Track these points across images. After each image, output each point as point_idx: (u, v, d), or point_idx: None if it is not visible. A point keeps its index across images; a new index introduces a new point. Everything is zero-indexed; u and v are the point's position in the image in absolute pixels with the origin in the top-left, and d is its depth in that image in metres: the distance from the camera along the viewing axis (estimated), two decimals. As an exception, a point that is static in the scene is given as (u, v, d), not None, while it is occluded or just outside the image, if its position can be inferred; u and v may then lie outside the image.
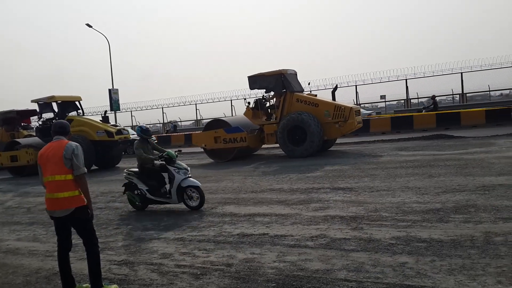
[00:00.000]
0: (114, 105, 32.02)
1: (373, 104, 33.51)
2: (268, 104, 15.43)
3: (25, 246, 6.31)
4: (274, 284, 3.97)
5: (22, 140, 18.19)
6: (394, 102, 32.87)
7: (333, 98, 14.78)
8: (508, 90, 28.91)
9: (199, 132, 17.24)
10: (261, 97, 15.49)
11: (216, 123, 15.78)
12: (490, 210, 5.60)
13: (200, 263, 4.77)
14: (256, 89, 15.51)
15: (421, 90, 29.00)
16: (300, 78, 15.83)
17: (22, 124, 21.89)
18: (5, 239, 6.85)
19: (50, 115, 17.05)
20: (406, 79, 28.24)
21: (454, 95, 29.40)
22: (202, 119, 35.83)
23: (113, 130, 16.22)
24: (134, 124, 36.51)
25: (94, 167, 16.64)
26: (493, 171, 8.17)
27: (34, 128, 19.14)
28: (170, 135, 28.32)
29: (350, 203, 6.79)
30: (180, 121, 39.36)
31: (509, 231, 4.69)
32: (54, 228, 7.20)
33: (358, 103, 29.53)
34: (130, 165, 17.14)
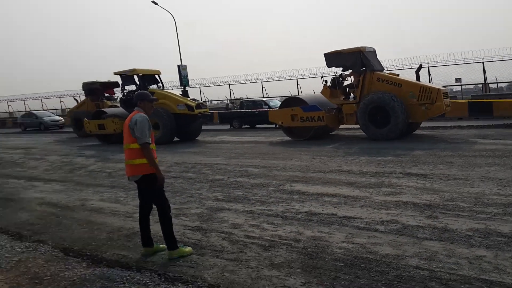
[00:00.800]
0: (184, 80, 32.88)
1: (447, 87, 31.38)
2: (345, 83, 14.81)
3: (107, 206, 6.84)
4: (342, 264, 3.98)
5: (108, 110, 19.26)
6: (471, 86, 30.58)
7: (417, 78, 13.88)
8: None
9: (276, 109, 17.04)
10: (338, 75, 14.79)
11: (293, 101, 15.44)
12: None
13: (268, 236, 4.90)
14: (333, 67, 14.91)
15: (500, 74, 26.65)
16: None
17: (106, 95, 23.32)
18: (89, 199, 7.47)
19: (132, 87, 17.80)
20: (483, 62, 26.00)
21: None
22: (268, 97, 35.89)
23: (193, 104, 16.53)
24: (203, 99, 37.43)
25: (176, 138, 17.19)
26: None
27: (118, 99, 20.16)
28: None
29: (424, 190, 6.54)
30: (247, 99, 39.68)
31: None
32: (133, 192, 7.75)
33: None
34: (215, 138, 17.80)
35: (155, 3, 33.40)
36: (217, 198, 6.90)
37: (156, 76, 17.96)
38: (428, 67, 27.88)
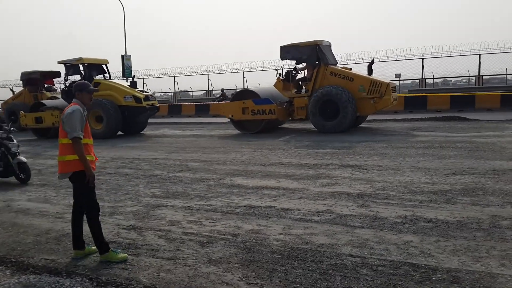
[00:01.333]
0: (127, 71, 31.85)
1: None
2: (298, 76, 14.92)
3: (35, 207, 6.44)
4: (279, 256, 4.03)
5: (47, 102, 17.85)
6: (409, 81, 32.35)
7: (369, 72, 14.24)
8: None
9: (227, 102, 16.69)
10: (292, 69, 14.91)
11: (245, 94, 15.23)
12: (498, 194, 5.58)
13: (206, 231, 4.85)
14: (287, 60, 14.90)
15: (436, 70, 28.48)
16: None
17: (45, 85, 21.69)
18: (16, 199, 7.00)
19: (77, 77, 16.71)
20: (422, 58, 27.62)
21: (470, 77, 28.81)
22: (214, 90, 35.65)
23: (141, 96, 15.81)
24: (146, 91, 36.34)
25: (119, 132, 16.55)
26: (504, 155, 8.09)
27: (60, 90, 18.83)
28: (181, 104, 28.04)
29: (358, 180, 6.79)
30: (192, 91, 39.18)
31: (517, 216, 4.68)
32: (64, 191, 7.36)
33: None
34: (156, 132, 17.25)
35: None
36: (155, 194, 6.73)
37: (103, 65, 17.00)
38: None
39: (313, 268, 3.71)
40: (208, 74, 35.71)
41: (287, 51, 14.37)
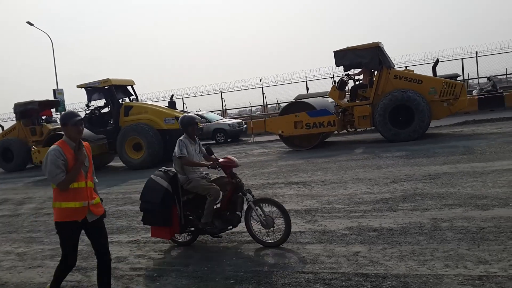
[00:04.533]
0: (61, 105, 30.62)
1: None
2: (352, 84, 13.80)
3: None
4: (232, 281, 3.96)
5: None
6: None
7: (434, 73, 13.22)
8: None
9: (274, 117, 14.89)
10: (344, 75, 13.71)
11: (296, 106, 13.75)
12: (436, 197, 5.89)
13: (156, 264, 4.69)
14: (342, 66, 13.39)
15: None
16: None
17: (43, 116, 19.46)
18: None
19: (98, 102, 14.90)
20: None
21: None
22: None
23: None
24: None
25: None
26: (438, 160, 8.59)
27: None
28: None
29: (304, 196, 6.91)
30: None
31: (454, 217, 4.96)
32: (-3, 237, 6.81)
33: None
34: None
35: (31, 24, 30.86)
36: (98, 231, 6.41)
37: (129, 87, 15.31)
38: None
39: (268, 290, 3.68)
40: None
41: (342, 56, 13.05)
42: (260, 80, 28.32)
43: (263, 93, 29.21)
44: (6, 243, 6.40)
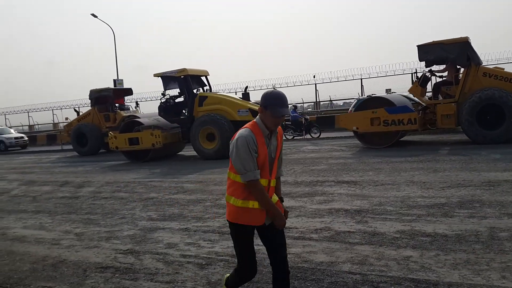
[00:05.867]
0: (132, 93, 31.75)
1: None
2: (434, 80, 13.31)
3: (31, 234, 6.37)
4: (278, 276, 3.98)
5: (143, 120, 15.50)
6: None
7: None
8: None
9: (349, 112, 14.39)
10: (427, 71, 13.16)
11: (374, 102, 13.12)
12: (495, 205, 5.59)
13: (205, 253, 4.81)
14: (426, 61, 12.65)
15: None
16: (299, 68, 14.53)
17: (116, 104, 20.46)
18: (11, 227, 6.92)
19: (172, 92, 15.14)
20: (411, 73, 27.62)
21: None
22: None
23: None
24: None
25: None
26: (498, 166, 8.14)
27: (158, 107, 15.72)
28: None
29: (355, 196, 6.80)
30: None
31: (514, 227, 4.69)
32: (59, 217, 7.32)
33: (363, 96, 28.99)
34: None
35: (95, 16, 32.62)
36: (151, 217, 6.68)
37: (203, 78, 15.44)
38: (361, 79, 28.26)
39: (314, 287, 3.68)
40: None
41: (427, 51, 12.37)
42: (314, 77, 28.13)
43: (316, 89, 29.01)
44: (66, 223, 6.82)
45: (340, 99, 31.01)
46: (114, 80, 32.17)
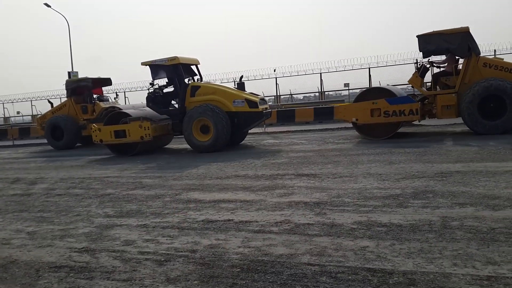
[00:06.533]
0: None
1: (337, 92, 33.80)
2: (433, 70, 13.12)
3: (-22, 234, 6.03)
4: (238, 269, 3.98)
5: (130, 112, 14.54)
6: (357, 90, 33.27)
7: None
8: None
9: (349, 103, 14.03)
10: (426, 62, 12.99)
11: (373, 93, 12.99)
12: (447, 196, 5.83)
13: (164, 249, 4.72)
14: (425, 51, 12.42)
15: (383, 79, 29.40)
16: (261, 64, 14.88)
17: (94, 95, 19.09)
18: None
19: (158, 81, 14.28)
20: (369, 68, 28.61)
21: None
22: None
23: (255, 99, 13.09)
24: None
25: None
26: (450, 158, 8.49)
27: (146, 97, 14.54)
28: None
29: (314, 189, 6.89)
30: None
31: (465, 216, 4.90)
32: (10, 215, 6.96)
33: (322, 90, 29.82)
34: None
35: (48, 6, 31.34)
36: (108, 214, 6.49)
37: (193, 67, 14.57)
38: (320, 73, 29.24)
39: (274, 280, 3.70)
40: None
41: (427, 41, 12.14)
42: (274, 71, 28.37)
43: (276, 83, 29.40)
44: (17, 222, 6.51)
45: (300, 93, 31.63)
46: (69, 73, 31.09)
